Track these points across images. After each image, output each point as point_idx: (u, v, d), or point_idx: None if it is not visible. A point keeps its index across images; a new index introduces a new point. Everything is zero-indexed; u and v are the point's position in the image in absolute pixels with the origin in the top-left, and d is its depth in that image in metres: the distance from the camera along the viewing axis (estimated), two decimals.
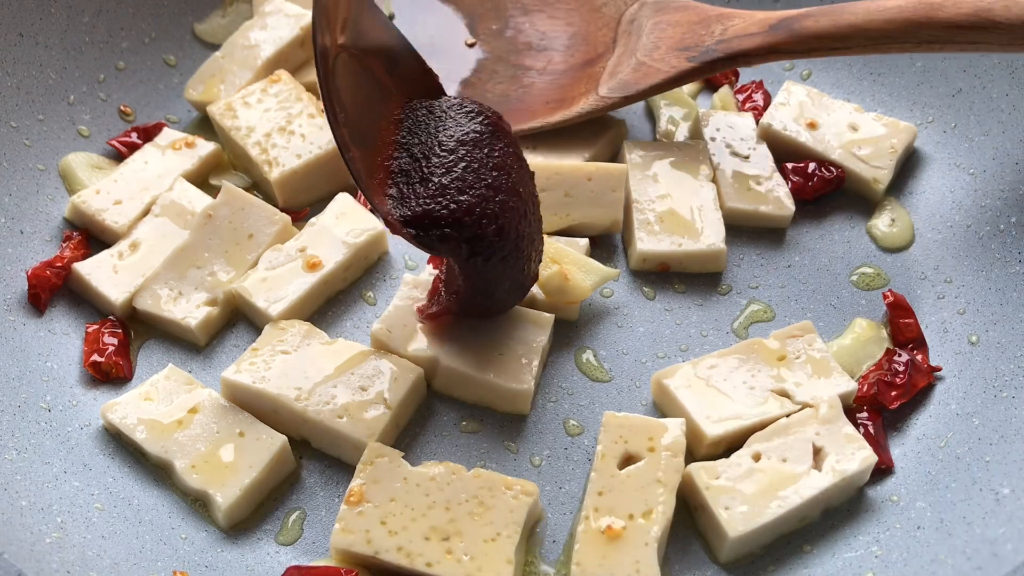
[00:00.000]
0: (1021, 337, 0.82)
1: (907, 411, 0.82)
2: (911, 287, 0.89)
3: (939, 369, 0.83)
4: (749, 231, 0.92)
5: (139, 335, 0.87)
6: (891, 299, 0.86)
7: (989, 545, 0.70)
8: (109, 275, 0.87)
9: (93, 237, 0.91)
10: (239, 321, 0.87)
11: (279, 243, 0.88)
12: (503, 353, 0.81)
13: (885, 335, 0.86)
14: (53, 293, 0.87)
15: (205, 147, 0.95)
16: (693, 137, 0.98)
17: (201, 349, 0.86)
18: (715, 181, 0.92)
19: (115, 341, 0.84)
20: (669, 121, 1.00)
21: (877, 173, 0.93)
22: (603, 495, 0.74)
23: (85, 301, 0.88)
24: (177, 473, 0.76)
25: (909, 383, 0.81)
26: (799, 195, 0.93)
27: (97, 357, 0.83)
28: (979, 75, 0.95)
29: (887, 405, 0.81)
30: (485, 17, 0.98)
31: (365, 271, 0.91)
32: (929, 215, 0.93)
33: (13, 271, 0.87)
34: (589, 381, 0.84)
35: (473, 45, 0.96)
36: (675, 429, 0.77)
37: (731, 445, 0.78)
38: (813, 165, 0.94)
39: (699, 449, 0.78)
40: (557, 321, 0.85)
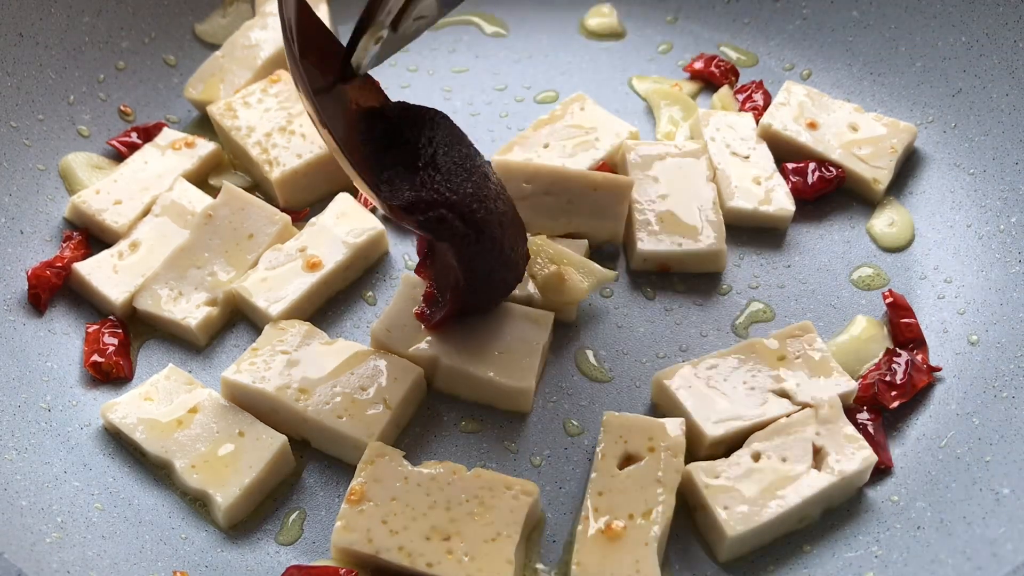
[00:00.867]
0: (1021, 337, 0.82)
1: (907, 411, 0.82)
2: (911, 287, 0.89)
3: (939, 369, 0.83)
4: (749, 231, 0.92)
5: (139, 335, 0.87)
6: (891, 299, 0.86)
7: (989, 545, 0.70)
8: (109, 275, 0.87)
9: (93, 237, 0.91)
10: (239, 321, 0.87)
11: (279, 243, 0.88)
12: (503, 351, 0.81)
13: (885, 335, 0.86)
14: (53, 293, 0.87)
15: (205, 147, 0.95)
16: (693, 137, 0.98)
17: (201, 349, 0.86)
18: (715, 181, 0.92)
19: (115, 341, 0.84)
20: (669, 121, 1.00)
21: (877, 173, 0.93)
22: (603, 495, 0.74)
23: (85, 301, 0.88)
24: (177, 473, 0.76)
25: (909, 383, 0.81)
26: (799, 195, 0.93)
27: (98, 357, 0.83)
28: (979, 75, 0.95)
29: (887, 405, 0.81)
30: None
31: (365, 271, 0.91)
32: (929, 215, 0.93)
33: (13, 271, 0.87)
34: (589, 381, 0.84)
35: None
36: (675, 429, 0.77)
37: (731, 445, 0.78)
38: (813, 165, 0.94)
39: (699, 450, 0.78)
40: (555, 321, 0.85)
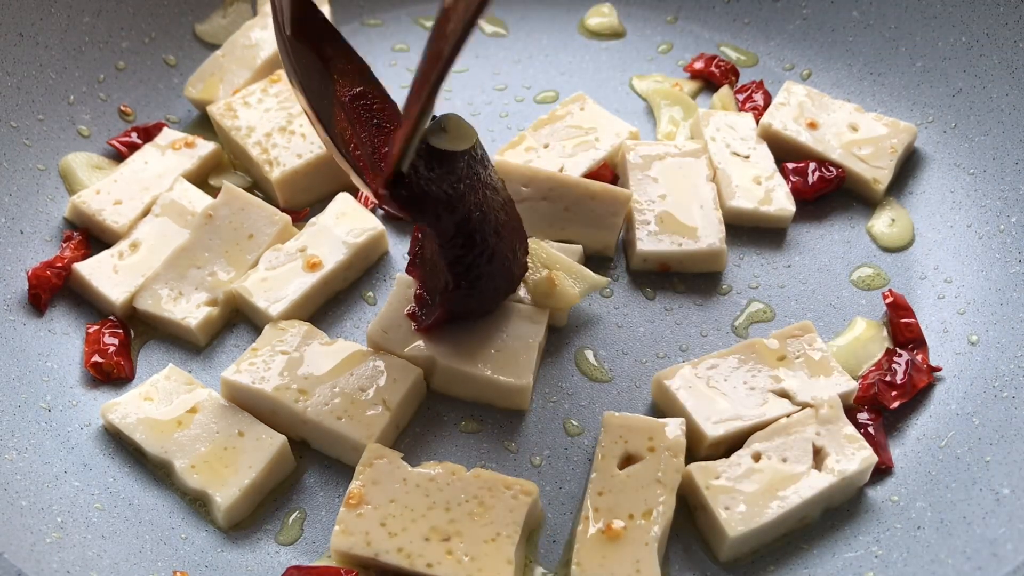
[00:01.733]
0: (1021, 337, 0.82)
1: (907, 411, 0.82)
2: (911, 287, 0.89)
3: (939, 369, 0.83)
4: (749, 231, 0.92)
5: (139, 335, 0.87)
6: (891, 299, 0.86)
7: (989, 545, 0.70)
8: (109, 275, 0.87)
9: (93, 237, 0.91)
10: (239, 321, 0.87)
11: (279, 243, 0.88)
12: (500, 349, 0.81)
13: (885, 335, 0.86)
14: (53, 293, 0.87)
15: (205, 147, 0.95)
16: (693, 137, 0.98)
17: (201, 349, 0.86)
18: (715, 181, 0.92)
19: (116, 341, 0.84)
20: (669, 121, 1.00)
21: (877, 173, 0.93)
22: (603, 495, 0.74)
23: (85, 301, 0.88)
24: (177, 473, 0.76)
25: (909, 383, 0.81)
26: (799, 195, 0.93)
27: (99, 358, 0.83)
28: (979, 75, 0.95)
29: (887, 405, 0.81)
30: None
31: (365, 271, 0.91)
32: (929, 215, 0.93)
33: (13, 271, 0.87)
34: (589, 381, 0.84)
35: None
36: (675, 429, 0.77)
37: (731, 446, 0.78)
38: (813, 165, 0.94)
39: (699, 450, 0.78)
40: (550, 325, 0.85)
